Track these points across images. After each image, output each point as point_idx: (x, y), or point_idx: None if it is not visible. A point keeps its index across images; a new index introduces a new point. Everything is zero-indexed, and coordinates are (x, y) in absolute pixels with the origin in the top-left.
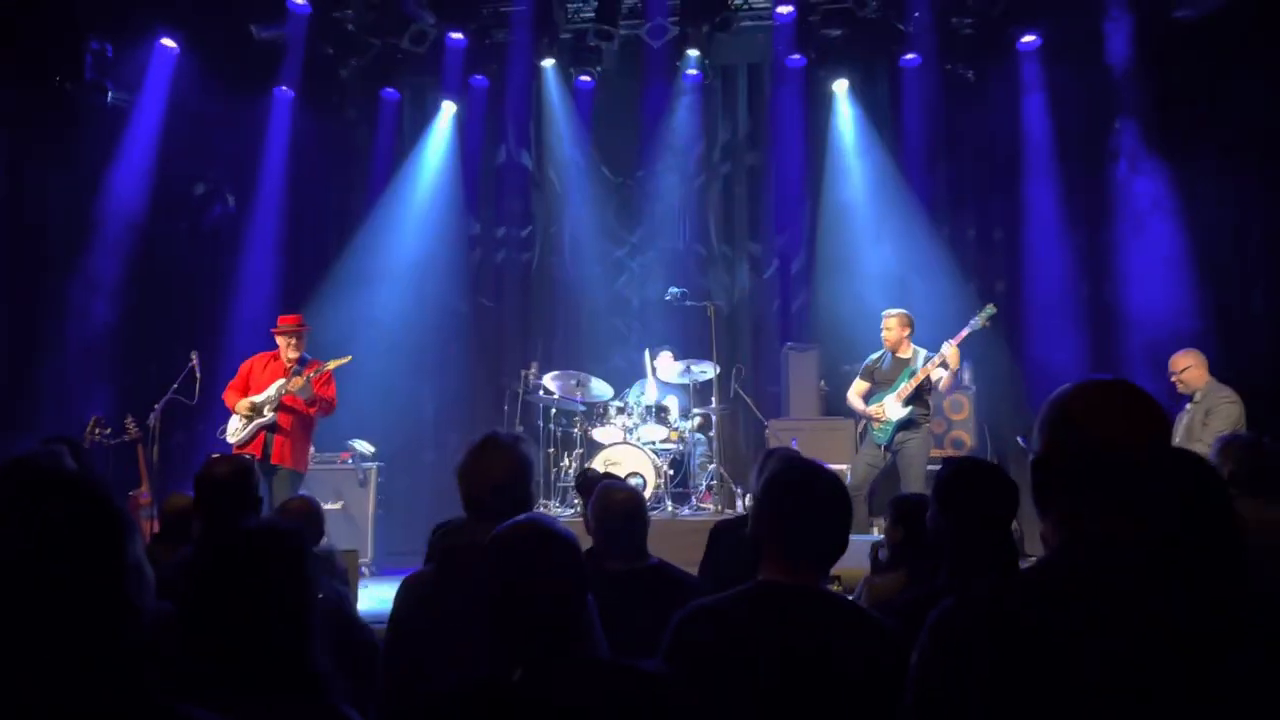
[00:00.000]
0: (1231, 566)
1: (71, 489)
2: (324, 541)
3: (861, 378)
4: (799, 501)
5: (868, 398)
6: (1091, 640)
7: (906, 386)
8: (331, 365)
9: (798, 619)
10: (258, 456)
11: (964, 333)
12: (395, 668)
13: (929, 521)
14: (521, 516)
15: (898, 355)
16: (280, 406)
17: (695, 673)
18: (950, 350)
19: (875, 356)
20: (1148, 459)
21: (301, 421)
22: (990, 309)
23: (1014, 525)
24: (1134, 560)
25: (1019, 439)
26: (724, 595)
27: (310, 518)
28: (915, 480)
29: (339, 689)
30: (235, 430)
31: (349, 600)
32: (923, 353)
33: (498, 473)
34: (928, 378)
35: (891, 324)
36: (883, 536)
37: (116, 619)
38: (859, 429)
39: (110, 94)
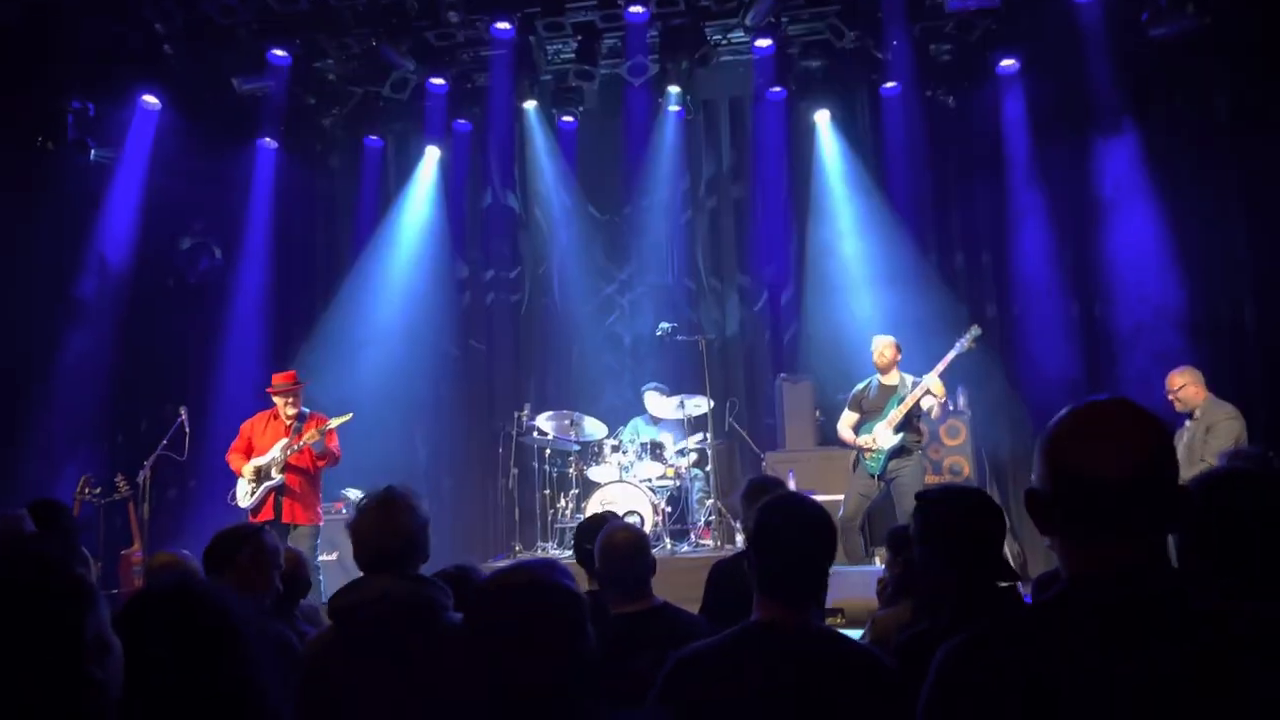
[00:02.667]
0: None
1: (24, 563)
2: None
3: (850, 409)
4: (776, 539)
5: (857, 428)
6: (1096, 679)
7: (896, 413)
8: (334, 423)
9: (784, 660)
10: (270, 519)
11: (949, 356)
12: None
13: (916, 558)
14: (522, 564)
15: (884, 383)
16: (287, 467)
17: (686, 716)
18: (933, 380)
19: (861, 386)
20: (1141, 481)
21: (309, 479)
22: (975, 331)
23: (1016, 549)
24: (1137, 591)
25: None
26: (712, 640)
27: (295, 570)
28: (911, 509)
29: None
30: (245, 495)
31: None
32: (910, 378)
33: (392, 532)
34: (918, 403)
35: (884, 347)
36: (885, 569)
37: (73, 695)
38: (851, 460)
39: (93, 152)
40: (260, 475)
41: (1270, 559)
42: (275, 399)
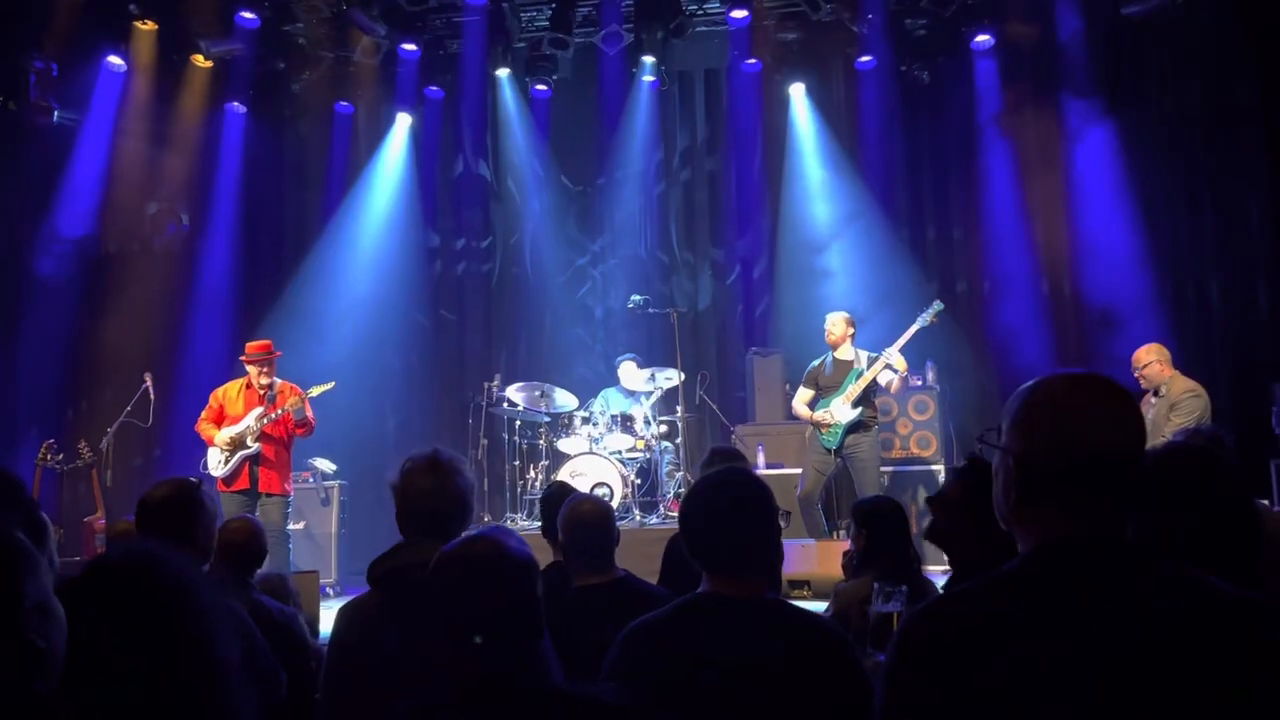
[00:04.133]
0: (1245, 565)
1: None
2: (268, 563)
3: (805, 385)
4: (702, 511)
5: (813, 404)
6: (1063, 649)
7: (854, 389)
8: (315, 391)
9: (727, 630)
10: (245, 488)
11: (910, 331)
12: (333, 695)
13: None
14: (476, 532)
15: (838, 358)
16: (262, 436)
17: (636, 690)
18: (894, 354)
19: (816, 363)
20: (1128, 453)
21: (284, 448)
22: (937, 305)
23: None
24: (1112, 559)
25: (979, 439)
26: (660, 611)
27: (250, 540)
28: (870, 483)
29: None
30: (218, 464)
31: (298, 621)
32: (865, 354)
33: (443, 495)
34: (875, 379)
35: (836, 322)
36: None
37: (13, 662)
38: (806, 436)
39: (57, 113)
40: (235, 444)
41: (1193, 534)
42: (249, 367)
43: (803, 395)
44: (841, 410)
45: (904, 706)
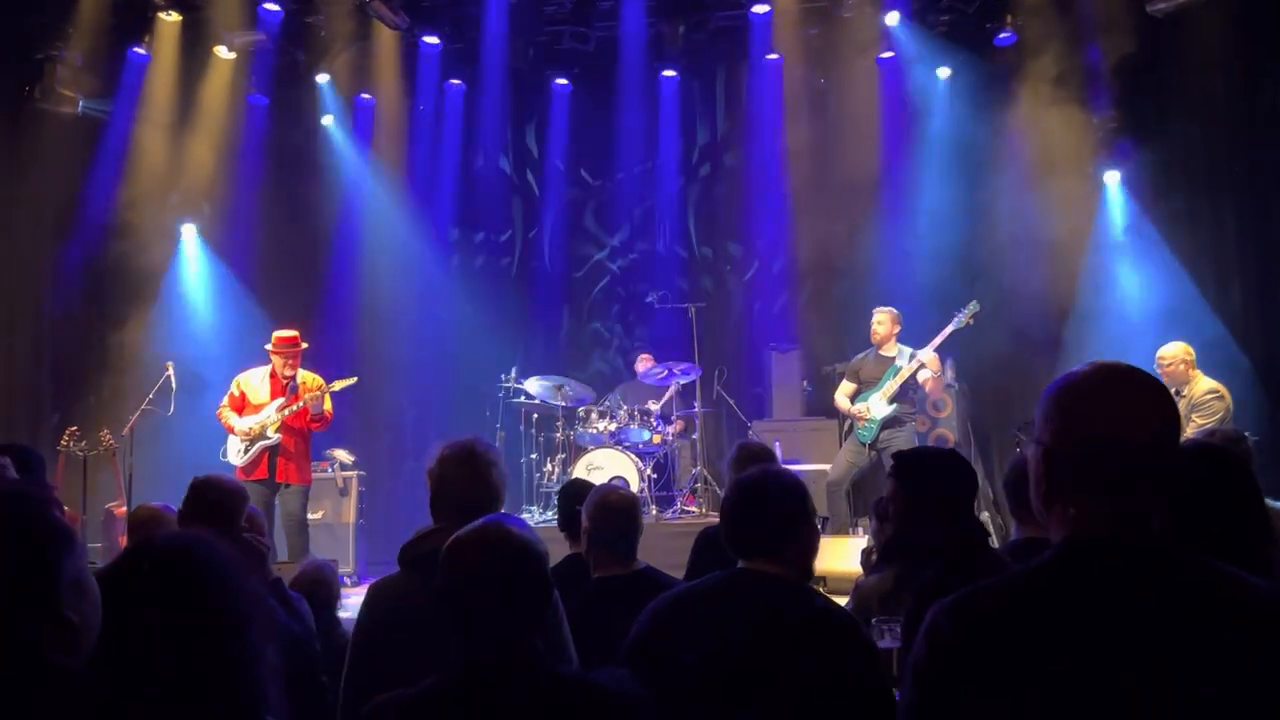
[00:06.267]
0: (1258, 564)
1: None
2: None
3: (848, 379)
4: (749, 500)
5: (854, 398)
6: (1093, 644)
7: (891, 385)
8: (338, 386)
9: (749, 607)
10: (264, 477)
11: (947, 330)
12: (360, 671)
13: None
14: (485, 519)
15: (881, 353)
16: (283, 427)
17: (661, 658)
18: (928, 354)
19: (860, 357)
20: (1158, 445)
21: (304, 439)
22: (974, 306)
23: (999, 520)
24: (1140, 555)
25: (1015, 431)
26: (692, 583)
27: (322, 583)
28: None
29: None
30: (237, 453)
31: (310, 642)
32: (907, 350)
33: (479, 482)
34: (913, 376)
35: (883, 319)
36: (869, 539)
37: (48, 633)
38: (844, 428)
39: (81, 104)
40: (254, 435)
41: (1206, 533)
42: (274, 358)
43: (845, 388)
44: (878, 406)
45: (931, 700)
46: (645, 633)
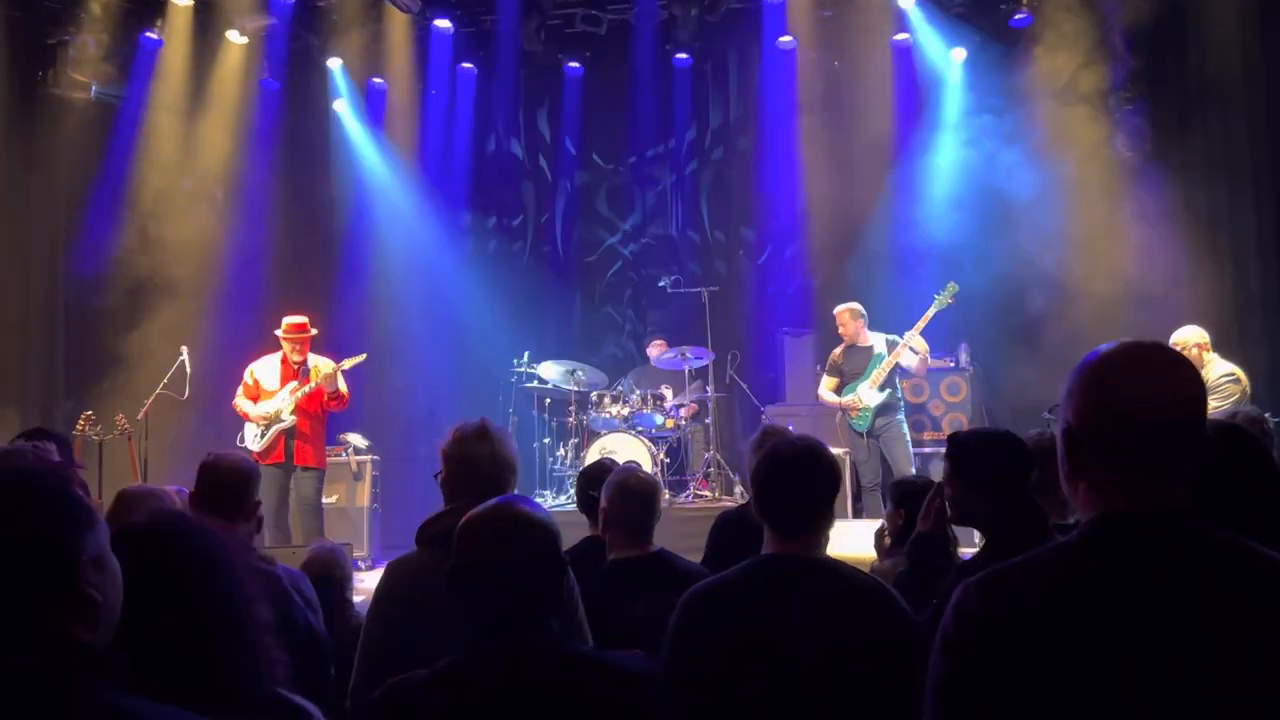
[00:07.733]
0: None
1: (23, 480)
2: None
3: (829, 374)
4: (779, 473)
5: (838, 391)
6: (1120, 620)
7: (879, 372)
8: (347, 364)
9: (799, 590)
10: (280, 461)
11: (928, 314)
12: (374, 646)
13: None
14: (498, 499)
15: (859, 345)
16: (297, 409)
17: (703, 654)
18: (914, 337)
19: (836, 351)
20: (1185, 421)
21: (319, 421)
22: (952, 287)
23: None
24: (1170, 532)
25: (1045, 414)
26: (725, 573)
27: (333, 565)
28: (904, 461)
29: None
30: (255, 438)
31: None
32: (884, 337)
33: (494, 461)
34: (898, 362)
35: (844, 319)
36: (884, 523)
37: (67, 610)
38: (837, 422)
39: (94, 89)
40: (270, 420)
41: (1233, 511)
42: (285, 343)
43: (827, 383)
44: (869, 394)
45: (960, 678)
46: (687, 627)
